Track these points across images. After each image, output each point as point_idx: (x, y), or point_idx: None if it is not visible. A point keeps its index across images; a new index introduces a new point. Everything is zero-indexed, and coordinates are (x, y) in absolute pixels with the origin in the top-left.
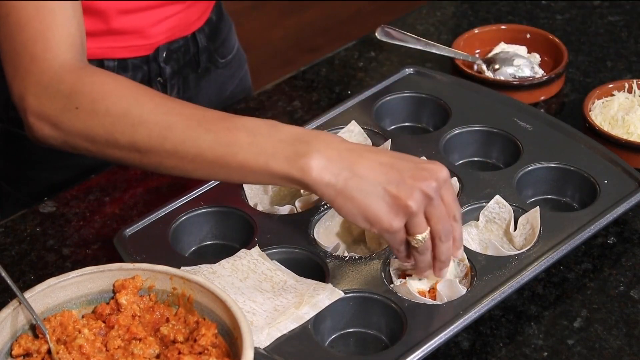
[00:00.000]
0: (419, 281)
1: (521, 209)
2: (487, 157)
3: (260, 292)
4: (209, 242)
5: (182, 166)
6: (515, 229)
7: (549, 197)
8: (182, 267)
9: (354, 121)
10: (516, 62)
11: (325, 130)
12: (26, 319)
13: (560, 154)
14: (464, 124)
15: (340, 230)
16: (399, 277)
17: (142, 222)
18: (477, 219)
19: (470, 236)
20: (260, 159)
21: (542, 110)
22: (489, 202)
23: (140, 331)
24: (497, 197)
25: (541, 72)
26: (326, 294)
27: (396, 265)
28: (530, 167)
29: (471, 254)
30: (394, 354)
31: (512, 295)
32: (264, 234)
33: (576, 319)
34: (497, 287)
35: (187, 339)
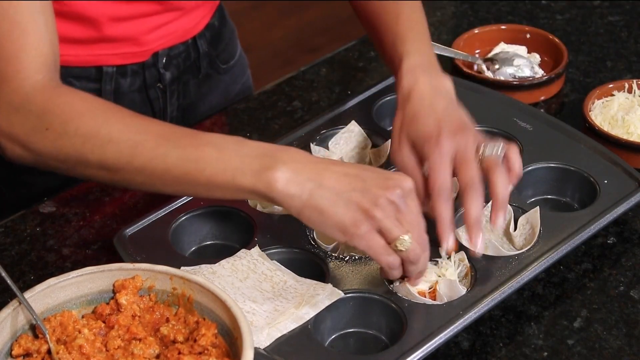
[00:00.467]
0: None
1: (521, 209)
2: None
3: (260, 292)
4: (209, 242)
5: (151, 182)
6: (515, 229)
7: (549, 197)
8: (182, 267)
9: (353, 121)
10: (516, 62)
11: (325, 130)
12: (26, 319)
13: (560, 154)
14: None
15: None
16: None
17: (142, 222)
18: None
19: None
20: (227, 174)
21: (542, 110)
22: (489, 202)
23: (140, 331)
24: None
25: (541, 72)
26: (326, 294)
27: None
28: (530, 167)
29: (471, 254)
30: (394, 354)
31: (512, 295)
32: (264, 234)
33: (576, 319)
34: (497, 287)
35: (187, 339)
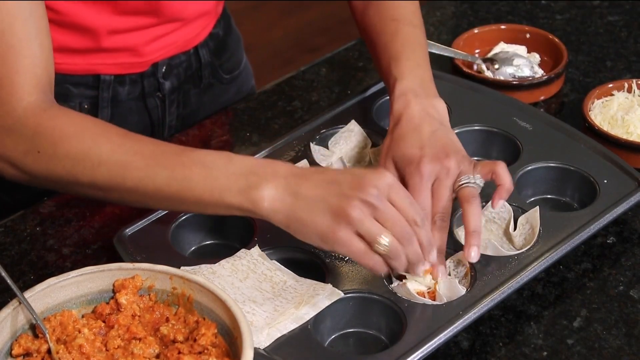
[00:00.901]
0: (417, 282)
1: (521, 208)
2: (486, 156)
3: (260, 292)
4: (209, 242)
5: (144, 201)
6: (514, 228)
7: (549, 196)
8: (182, 267)
9: (353, 121)
10: (516, 61)
11: (324, 130)
12: (26, 318)
13: (560, 153)
14: (463, 123)
15: None
16: (398, 278)
17: (142, 222)
18: None
19: None
20: (215, 193)
21: (541, 110)
22: (488, 202)
23: (140, 331)
24: None
25: (541, 72)
26: (326, 294)
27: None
28: (530, 167)
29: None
30: (394, 354)
31: (511, 295)
32: (264, 234)
33: (576, 318)
34: (496, 287)
35: (186, 338)
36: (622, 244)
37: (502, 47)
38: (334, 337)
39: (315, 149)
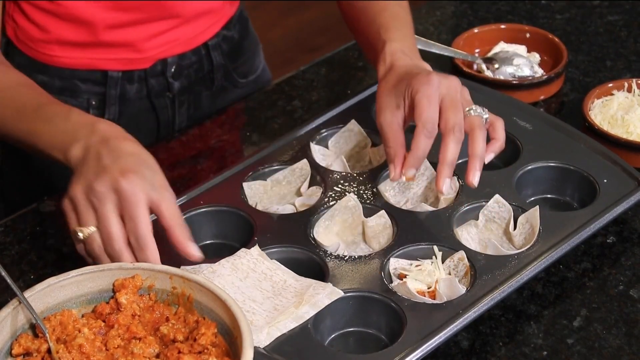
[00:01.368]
0: (417, 281)
1: (521, 208)
2: None
3: (260, 292)
4: (209, 242)
5: (16, 145)
6: (514, 228)
7: (549, 196)
8: (182, 267)
9: (353, 120)
10: (516, 61)
11: (324, 130)
12: (26, 318)
13: (559, 153)
14: None
15: (339, 229)
16: (398, 277)
17: None
18: (477, 218)
19: (469, 235)
20: (52, 149)
21: (541, 109)
22: (488, 202)
23: (140, 330)
24: (497, 196)
25: (541, 71)
26: (326, 293)
27: (395, 265)
28: (529, 167)
29: (471, 254)
30: (394, 353)
31: (511, 294)
32: (264, 233)
33: (576, 318)
34: (496, 286)
35: (186, 338)
36: (622, 244)
37: (502, 47)
38: (334, 336)
39: (315, 148)
